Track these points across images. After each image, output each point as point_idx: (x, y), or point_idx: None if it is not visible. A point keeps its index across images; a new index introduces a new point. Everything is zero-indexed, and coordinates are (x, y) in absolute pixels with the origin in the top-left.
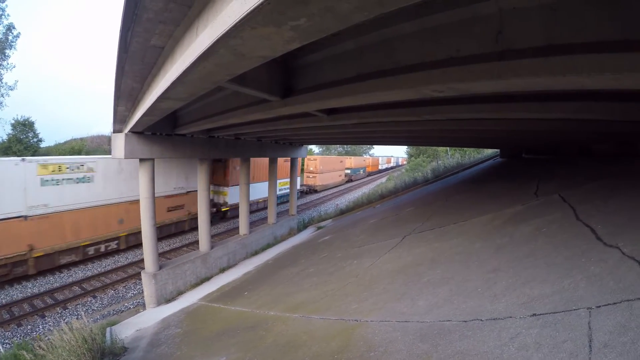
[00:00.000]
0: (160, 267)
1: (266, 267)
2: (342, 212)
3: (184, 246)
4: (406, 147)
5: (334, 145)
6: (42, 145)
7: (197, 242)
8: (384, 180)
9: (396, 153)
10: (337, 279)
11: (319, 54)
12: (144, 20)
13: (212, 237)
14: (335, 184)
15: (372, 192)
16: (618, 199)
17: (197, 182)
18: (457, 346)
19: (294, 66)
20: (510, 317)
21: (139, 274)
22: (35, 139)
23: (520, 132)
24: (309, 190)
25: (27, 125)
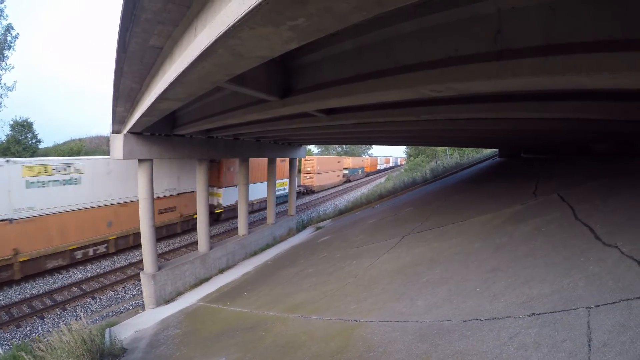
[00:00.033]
0: (160, 268)
1: (265, 267)
2: (341, 213)
3: (182, 247)
4: (405, 147)
5: (332, 145)
6: (41, 146)
7: (196, 242)
8: (382, 180)
9: (395, 153)
10: (336, 279)
11: (317, 54)
12: (143, 20)
13: (211, 237)
14: (333, 185)
15: (370, 192)
16: (617, 198)
17: (188, 183)
18: (457, 346)
19: (293, 66)
20: (510, 316)
21: (138, 275)
22: (34, 140)
23: (519, 132)
24: (306, 191)
25: (26, 126)
